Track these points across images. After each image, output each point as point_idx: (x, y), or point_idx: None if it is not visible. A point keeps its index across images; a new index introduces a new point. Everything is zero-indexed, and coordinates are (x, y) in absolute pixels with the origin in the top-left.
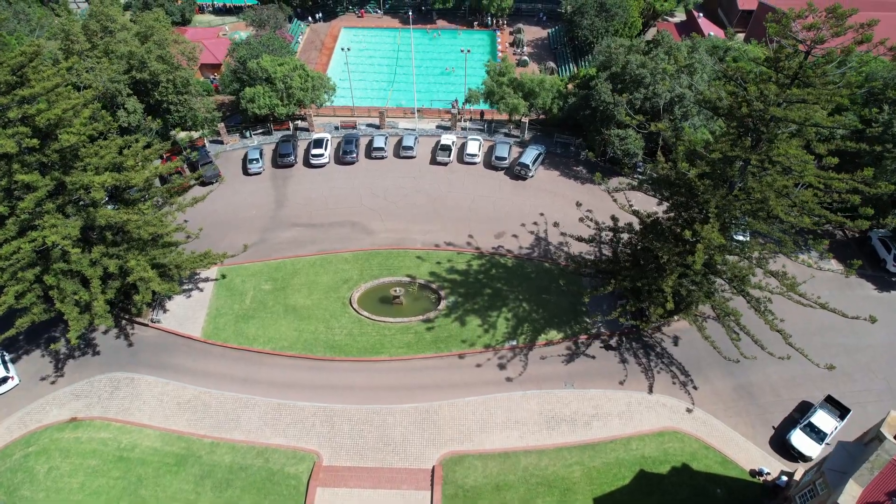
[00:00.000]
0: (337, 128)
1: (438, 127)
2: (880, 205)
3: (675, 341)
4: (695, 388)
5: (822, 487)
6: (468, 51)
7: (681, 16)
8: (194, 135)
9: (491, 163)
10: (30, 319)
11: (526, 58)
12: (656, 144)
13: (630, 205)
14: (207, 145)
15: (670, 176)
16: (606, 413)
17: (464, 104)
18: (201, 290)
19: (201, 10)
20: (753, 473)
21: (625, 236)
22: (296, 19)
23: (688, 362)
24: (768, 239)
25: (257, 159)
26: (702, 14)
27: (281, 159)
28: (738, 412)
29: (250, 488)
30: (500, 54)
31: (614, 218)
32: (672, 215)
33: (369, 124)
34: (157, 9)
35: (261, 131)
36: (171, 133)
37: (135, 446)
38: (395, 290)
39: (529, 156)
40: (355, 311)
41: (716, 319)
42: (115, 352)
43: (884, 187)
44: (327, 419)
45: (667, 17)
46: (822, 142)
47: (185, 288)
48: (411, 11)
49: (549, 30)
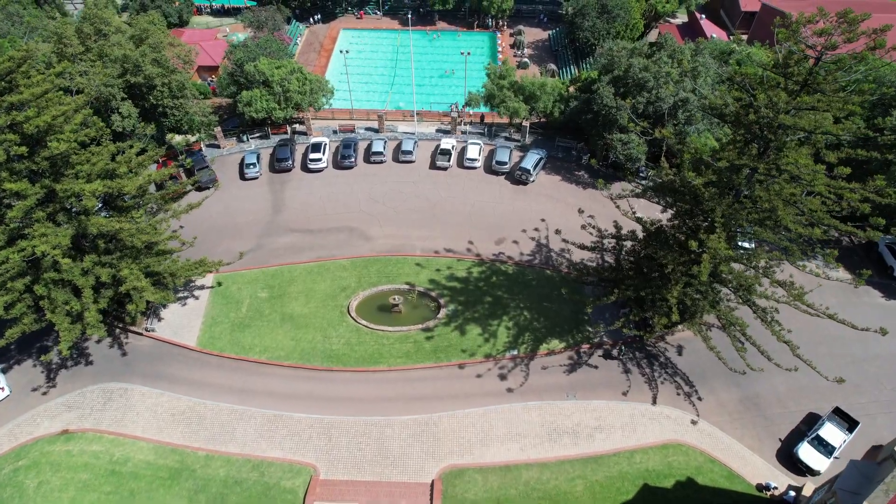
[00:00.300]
0: (335, 132)
1: (438, 131)
2: (888, 211)
3: (679, 351)
4: (699, 399)
5: None
6: (468, 53)
7: (682, 17)
8: (191, 139)
9: (491, 167)
10: (20, 330)
11: (526, 60)
12: (659, 149)
13: (633, 212)
14: (204, 149)
15: (674, 182)
16: (609, 425)
17: (463, 107)
18: (197, 298)
19: (199, 11)
20: (760, 488)
21: (628, 244)
22: (294, 21)
23: (692, 372)
24: (775, 247)
25: (254, 164)
26: (704, 16)
27: (278, 164)
28: (744, 424)
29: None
30: (500, 56)
31: (617, 226)
32: (676, 223)
33: (368, 128)
34: (153, 11)
35: (258, 135)
36: (167, 138)
37: (127, 460)
38: (394, 299)
39: (530, 160)
40: (353, 319)
41: (721, 329)
42: (109, 361)
43: (894, 196)
44: (324, 431)
45: (668, 18)
46: (831, 149)
47: (180, 296)
48: (411, 13)
49: (550, 31)
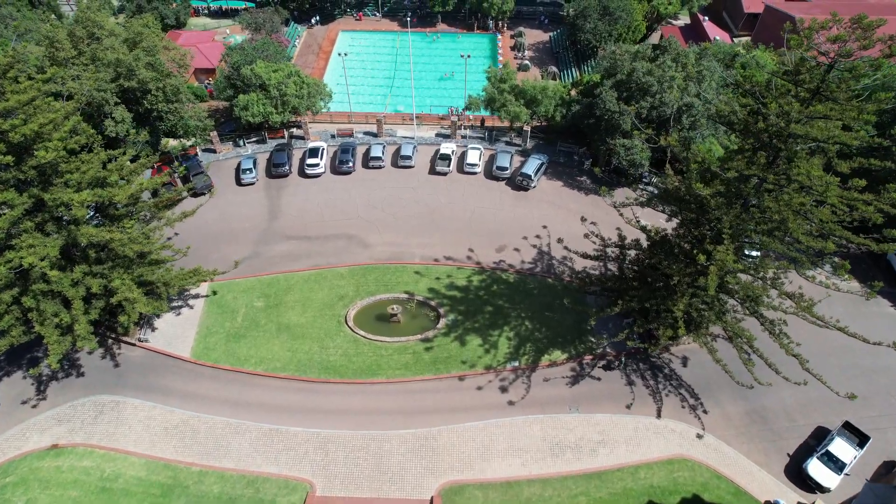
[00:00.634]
0: (333, 136)
1: (438, 135)
2: None
3: (684, 362)
4: (705, 412)
5: None
6: (468, 56)
7: (685, 19)
8: (186, 143)
9: (492, 173)
10: (8, 342)
11: (527, 62)
12: (664, 154)
13: (637, 220)
14: (200, 154)
15: (679, 190)
16: (613, 439)
17: (463, 110)
18: (191, 308)
19: (197, 13)
20: None
21: (632, 253)
22: (293, 22)
23: (697, 384)
24: (782, 257)
25: (251, 169)
26: (707, 17)
27: (275, 169)
28: (751, 438)
29: None
30: (500, 58)
31: (621, 236)
32: (681, 232)
33: (367, 132)
34: (150, 12)
35: (255, 139)
36: (162, 143)
37: (118, 476)
38: (393, 308)
39: (531, 166)
40: (351, 329)
41: (726, 339)
42: (101, 373)
43: None
44: (321, 446)
45: (671, 20)
46: (843, 159)
47: (173, 305)
48: (410, 14)
49: (551, 33)
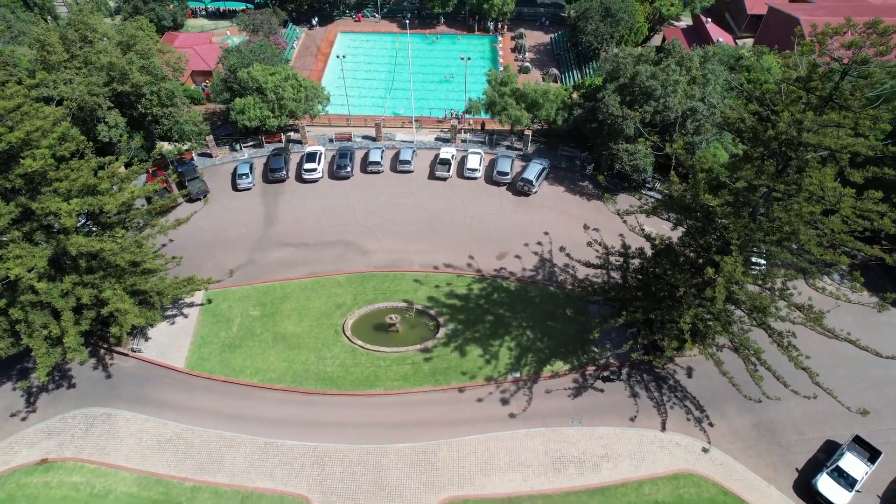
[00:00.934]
0: (331, 140)
1: (437, 139)
2: None
3: (689, 373)
4: (711, 424)
5: None
6: (468, 58)
7: (686, 20)
8: (182, 148)
9: (492, 178)
10: None
11: (528, 64)
12: (668, 159)
13: (641, 227)
14: (195, 159)
15: (685, 197)
16: (617, 453)
17: (463, 113)
18: (186, 317)
19: (194, 14)
20: None
21: (636, 262)
22: (291, 24)
23: (703, 396)
24: (789, 266)
25: (247, 174)
26: (710, 19)
27: (272, 174)
28: (759, 452)
29: None
30: (500, 60)
31: (625, 245)
32: (687, 240)
33: (365, 136)
34: (146, 13)
35: (251, 144)
36: (157, 147)
37: (109, 492)
38: (391, 318)
39: (533, 171)
40: (348, 339)
41: (732, 349)
42: (92, 384)
43: None
44: (317, 460)
45: (673, 21)
46: (855, 168)
47: (168, 314)
48: (410, 15)
49: (552, 35)
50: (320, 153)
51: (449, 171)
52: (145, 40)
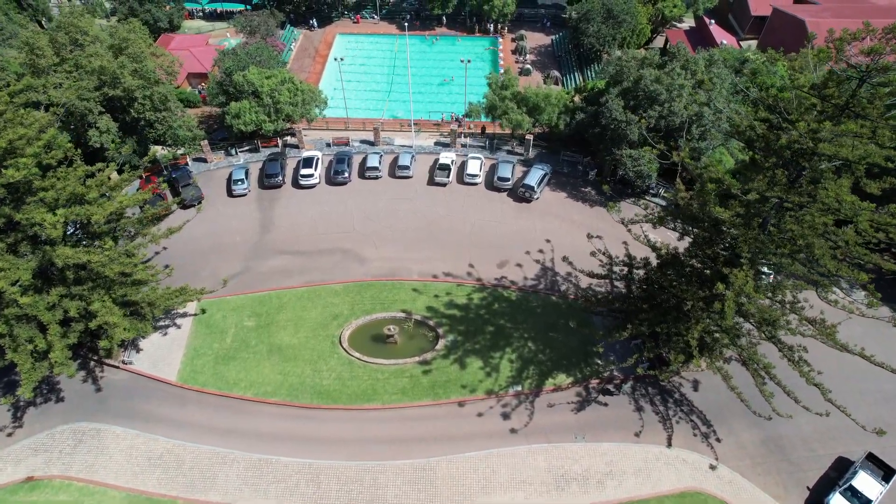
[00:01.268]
0: (328, 144)
1: (437, 144)
2: None
3: (695, 386)
4: (718, 440)
5: None
6: (468, 61)
7: (689, 22)
8: (177, 152)
9: (493, 183)
10: None
11: (529, 66)
12: (672, 164)
13: (645, 236)
14: (190, 164)
15: (691, 206)
16: (621, 471)
17: (462, 116)
18: (178, 327)
19: (191, 15)
20: None
21: (640, 272)
22: (289, 25)
23: (710, 410)
24: (802, 279)
25: (242, 180)
26: (713, 21)
27: (268, 180)
28: (768, 469)
29: None
30: (501, 62)
31: (630, 255)
32: (694, 251)
33: (363, 140)
34: (141, 15)
35: (247, 148)
36: (150, 152)
37: None
38: (389, 329)
39: (534, 176)
40: (345, 351)
41: (740, 363)
42: (81, 398)
43: None
44: (313, 477)
45: (675, 23)
46: (872, 178)
47: (160, 324)
48: (409, 17)
49: (553, 36)
50: (317, 158)
51: (448, 176)
52: (137, 43)
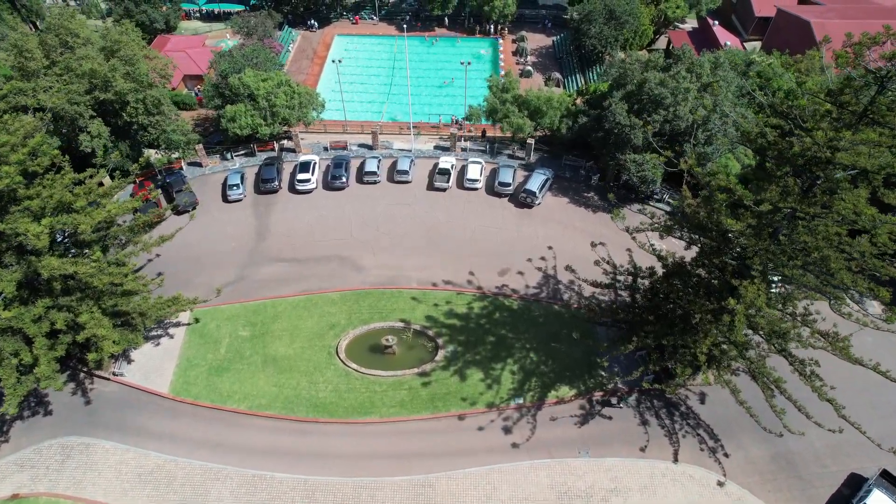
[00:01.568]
0: (326, 148)
1: (436, 148)
2: None
3: (702, 399)
4: (726, 455)
5: None
6: (468, 63)
7: (692, 22)
8: (172, 157)
9: (494, 189)
10: None
11: (530, 68)
12: (679, 170)
13: (651, 245)
14: (185, 168)
15: (698, 214)
16: (626, 487)
17: (462, 119)
18: (171, 337)
19: (188, 16)
20: None
21: (646, 282)
22: (287, 26)
23: (717, 424)
24: (815, 290)
25: (238, 185)
26: (717, 21)
27: (264, 184)
28: (778, 486)
29: None
30: (501, 63)
31: (635, 266)
32: (701, 260)
33: (361, 144)
34: (137, 16)
35: (243, 152)
36: (142, 157)
37: None
38: (388, 339)
39: (536, 181)
40: (342, 362)
41: (749, 376)
42: (70, 411)
43: None
44: (308, 495)
45: (678, 24)
46: (890, 188)
47: (152, 334)
48: (408, 17)
49: (554, 38)
50: (314, 163)
51: (448, 181)
52: (130, 46)
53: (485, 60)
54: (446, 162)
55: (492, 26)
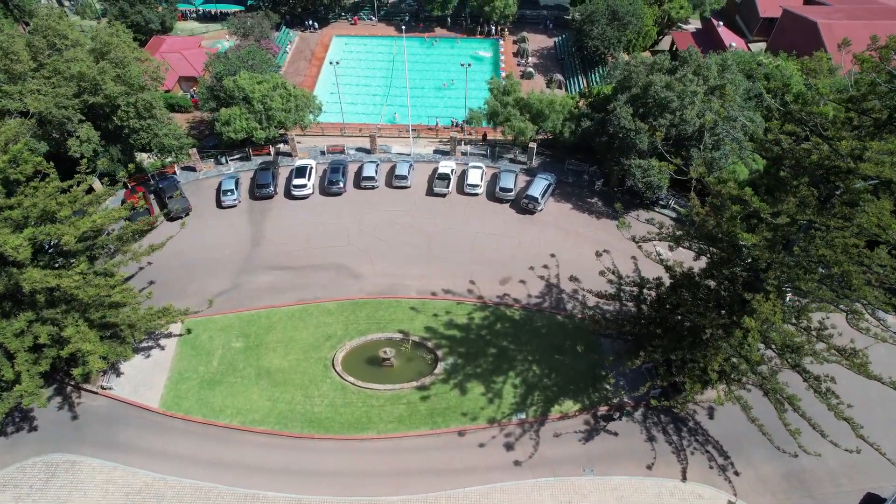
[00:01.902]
0: (323, 153)
1: (436, 152)
2: None
3: (711, 413)
4: (736, 474)
5: None
6: (469, 65)
7: (695, 23)
8: (166, 161)
9: (495, 194)
10: None
11: (531, 69)
12: (684, 175)
13: (658, 254)
14: (178, 173)
15: (707, 224)
16: None
17: (462, 122)
18: (162, 349)
19: (184, 16)
20: None
21: (652, 293)
22: (284, 27)
23: (727, 440)
24: (830, 303)
25: (232, 190)
26: (721, 22)
27: (259, 190)
28: None
29: None
30: (502, 65)
31: (642, 278)
32: (711, 271)
33: (359, 148)
34: (133, 16)
35: (238, 156)
36: (134, 161)
37: None
38: (385, 352)
39: (538, 187)
40: (339, 375)
41: (760, 390)
42: (56, 427)
43: None
44: None
45: (681, 25)
46: None
47: (143, 346)
48: (408, 18)
49: (556, 38)
50: (311, 167)
51: (448, 186)
52: (121, 48)
53: (485, 62)
54: (446, 167)
55: (493, 27)
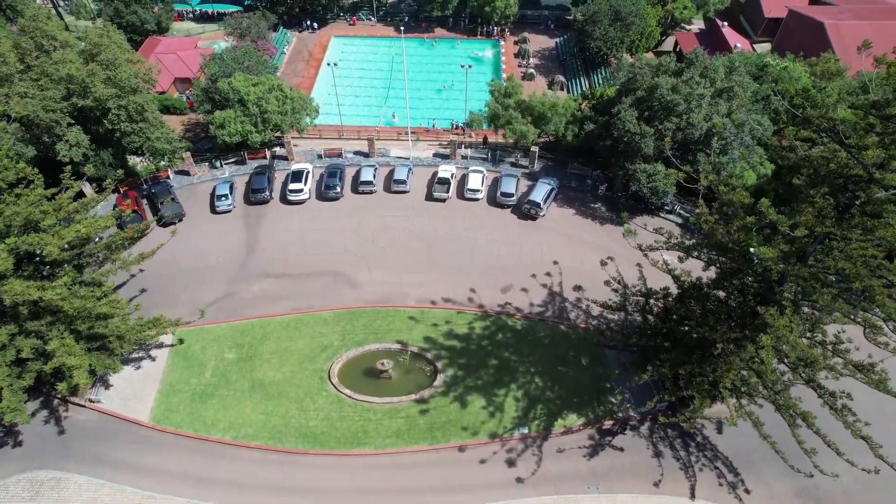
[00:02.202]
0: (320, 156)
1: (436, 155)
2: None
3: (719, 428)
4: (747, 491)
5: None
6: (469, 66)
7: (699, 23)
8: (160, 165)
9: (496, 199)
10: None
11: (532, 70)
12: (691, 181)
13: (664, 262)
14: (172, 177)
15: (715, 233)
16: None
17: (462, 124)
18: (153, 360)
19: (181, 17)
20: None
21: (659, 303)
22: (282, 28)
23: (736, 455)
24: (847, 316)
25: (226, 195)
26: (726, 23)
27: (254, 195)
28: None
29: None
30: (503, 66)
31: (649, 290)
32: (723, 283)
33: (357, 151)
34: (128, 17)
35: (233, 160)
36: (119, 171)
37: None
38: (383, 363)
39: (540, 192)
40: (335, 387)
41: (771, 403)
42: (42, 442)
43: None
44: None
45: (685, 25)
46: None
47: (133, 356)
48: (407, 18)
49: (558, 39)
50: (307, 171)
51: (448, 191)
52: (111, 49)
53: (486, 63)
54: (446, 171)
55: (493, 27)
